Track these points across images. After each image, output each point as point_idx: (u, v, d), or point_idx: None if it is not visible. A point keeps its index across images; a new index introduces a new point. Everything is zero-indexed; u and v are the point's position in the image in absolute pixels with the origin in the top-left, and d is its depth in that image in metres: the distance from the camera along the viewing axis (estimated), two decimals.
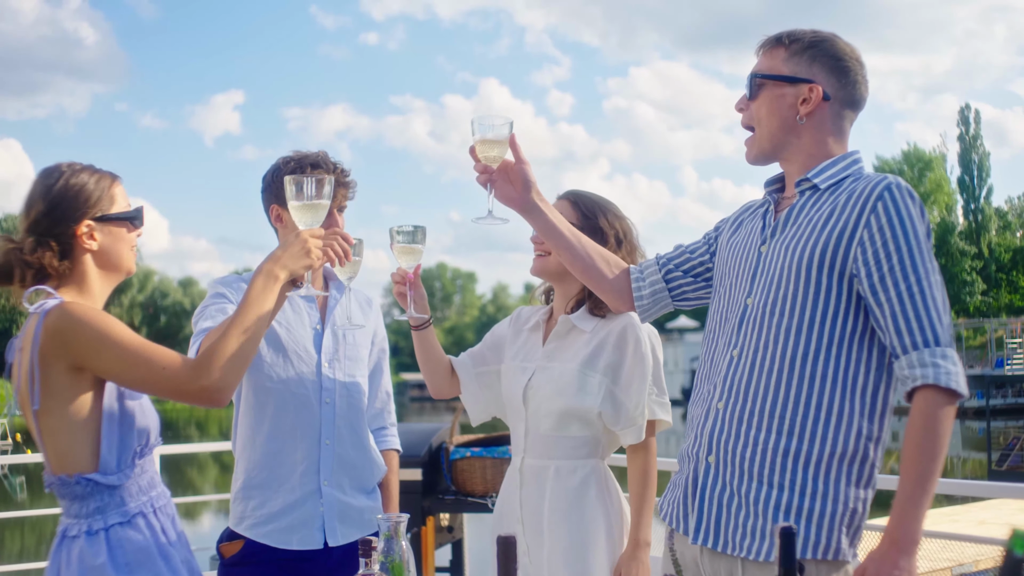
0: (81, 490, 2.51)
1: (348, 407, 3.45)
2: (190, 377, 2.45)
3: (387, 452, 3.69)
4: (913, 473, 2.27)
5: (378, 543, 2.39)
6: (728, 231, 2.80)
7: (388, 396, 3.75)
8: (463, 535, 5.78)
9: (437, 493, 5.32)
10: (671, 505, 2.68)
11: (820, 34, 2.60)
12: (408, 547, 2.52)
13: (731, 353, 2.56)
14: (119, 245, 2.65)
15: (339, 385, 3.43)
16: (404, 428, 5.69)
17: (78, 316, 2.44)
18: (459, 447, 5.23)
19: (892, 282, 2.35)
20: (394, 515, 2.50)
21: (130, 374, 2.46)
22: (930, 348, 2.31)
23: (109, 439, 2.52)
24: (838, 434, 2.42)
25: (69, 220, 2.58)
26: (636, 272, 2.92)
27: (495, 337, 3.47)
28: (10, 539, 21.71)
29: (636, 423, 3.13)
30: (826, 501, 2.41)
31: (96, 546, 2.49)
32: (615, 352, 3.13)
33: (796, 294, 2.45)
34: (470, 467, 5.15)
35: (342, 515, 3.39)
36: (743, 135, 2.70)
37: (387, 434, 3.72)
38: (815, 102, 2.54)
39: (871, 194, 2.40)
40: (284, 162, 3.40)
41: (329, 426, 3.39)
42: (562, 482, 3.12)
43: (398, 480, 3.73)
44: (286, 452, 3.35)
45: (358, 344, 3.55)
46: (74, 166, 2.64)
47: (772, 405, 2.45)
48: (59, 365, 2.45)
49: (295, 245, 2.61)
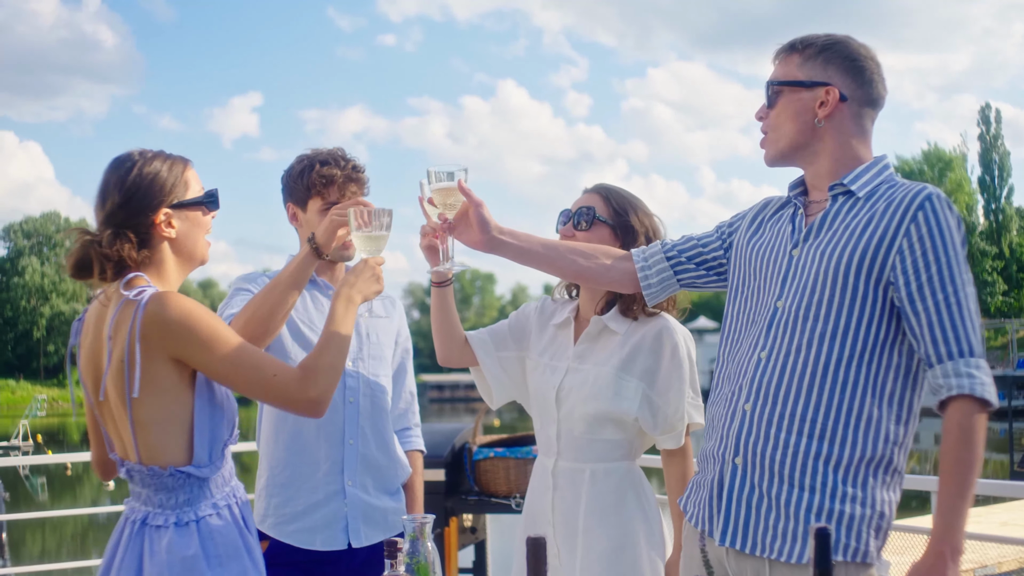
0: (173, 482, 2.51)
1: (372, 407, 3.45)
2: (300, 387, 2.51)
3: (411, 453, 3.68)
4: (953, 484, 2.31)
5: (403, 544, 2.38)
6: (747, 231, 2.78)
7: (412, 396, 3.74)
8: (486, 536, 5.77)
9: (460, 494, 5.30)
10: (697, 506, 2.67)
11: (833, 37, 2.61)
12: (434, 548, 2.50)
13: (759, 355, 2.55)
14: (196, 231, 2.64)
15: (363, 385, 3.43)
16: (427, 428, 5.67)
17: (188, 311, 2.44)
18: (482, 447, 5.21)
19: (930, 291, 2.37)
20: (419, 516, 2.48)
21: (237, 376, 2.49)
22: (964, 359, 2.34)
23: (201, 431, 2.52)
24: (867, 439, 2.44)
25: (147, 209, 2.55)
26: (640, 260, 2.90)
27: (519, 323, 3.39)
28: (31, 539, 21.83)
29: (675, 429, 3.10)
30: (855, 504, 2.43)
31: (187, 537, 2.48)
32: (651, 356, 3.09)
33: (832, 299, 2.46)
34: (493, 467, 5.13)
35: (366, 516, 3.39)
36: (760, 136, 2.71)
37: (411, 435, 3.71)
38: (832, 104, 2.55)
39: (911, 203, 2.42)
40: (299, 161, 3.43)
41: (353, 425, 3.39)
42: (598, 486, 3.08)
43: (422, 481, 3.72)
44: (309, 451, 3.35)
45: (382, 344, 3.54)
46: (146, 154, 2.61)
47: (804, 409, 2.46)
48: (160, 355, 2.44)
49: (365, 272, 2.72)
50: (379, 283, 2.75)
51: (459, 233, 2.86)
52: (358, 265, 2.75)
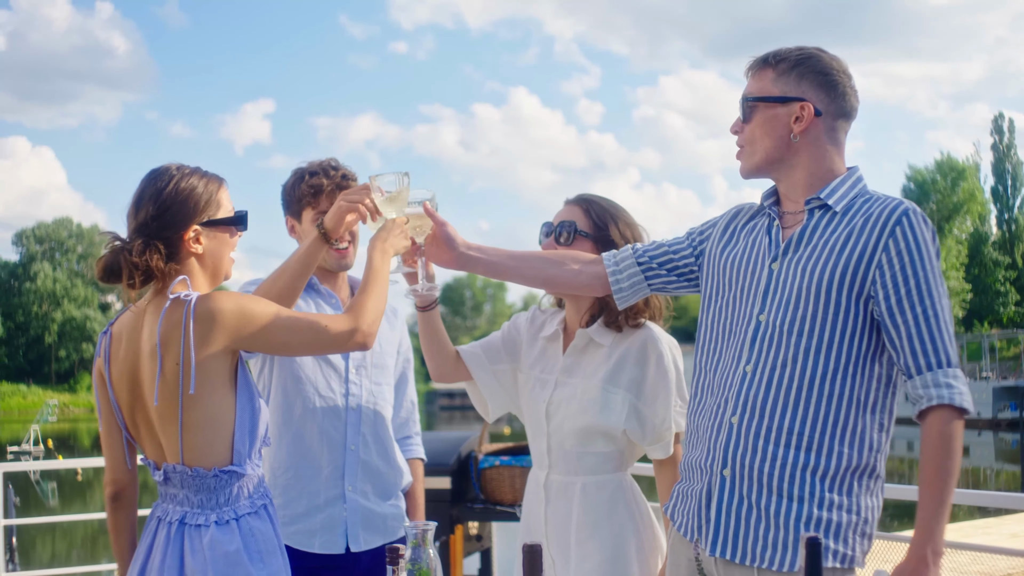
0: (214, 483, 2.59)
1: (374, 414, 3.51)
2: (352, 326, 2.69)
3: (412, 461, 3.74)
4: (935, 490, 2.39)
5: (405, 551, 2.41)
6: (720, 240, 2.82)
7: (413, 406, 3.81)
8: (492, 544, 5.80)
9: (466, 502, 5.34)
10: (685, 516, 2.71)
11: (805, 51, 2.65)
12: (436, 555, 2.52)
13: (744, 369, 2.59)
14: (222, 250, 2.74)
15: (365, 392, 3.49)
16: (433, 436, 5.72)
17: (234, 298, 2.61)
18: (488, 456, 5.24)
19: (909, 305, 2.45)
20: (421, 523, 2.50)
21: (297, 338, 2.66)
22: (943, 369, 2.43)
23: (241, 433, 2.61)
24: (853, 449, 2.51)
25: (179, 224, 2.64)
26: (611, 264, 2.93)
27: (511, 335, 3.40)
28: (42, 545, 21.87)
29: (664, 438, 3.11)
30: (842, 512, 2.50)
31: (229, 534, 2.58)
32: (637, 367, 3.11)
33: (816, 314, 2.51)
34: (499, 476, 5.16)
35: (365, 521, 3.44)
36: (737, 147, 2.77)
37: (412, 443, 3.77)
38: (808, 119, 2.60)
39: (890, 219, 2.49)
40: (292, 174, 3.55)
41: (355, 432, 3.45)
42: (590, 498, 3.10)
43: (423, 488, 3.77)
44: (312, 455, 3.41)
45: (384, 353, 3.60)
46: (184, 169, 2.70)
47: (791, 422, 2.51)
48: (215, 349, 2.56)
49: (394, 230, 2.88)
50: (406, 239, 2.90)
51: (430, 253, 2.96)
52: (386, 223, 2.89)
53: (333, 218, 2.97)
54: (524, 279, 3.00)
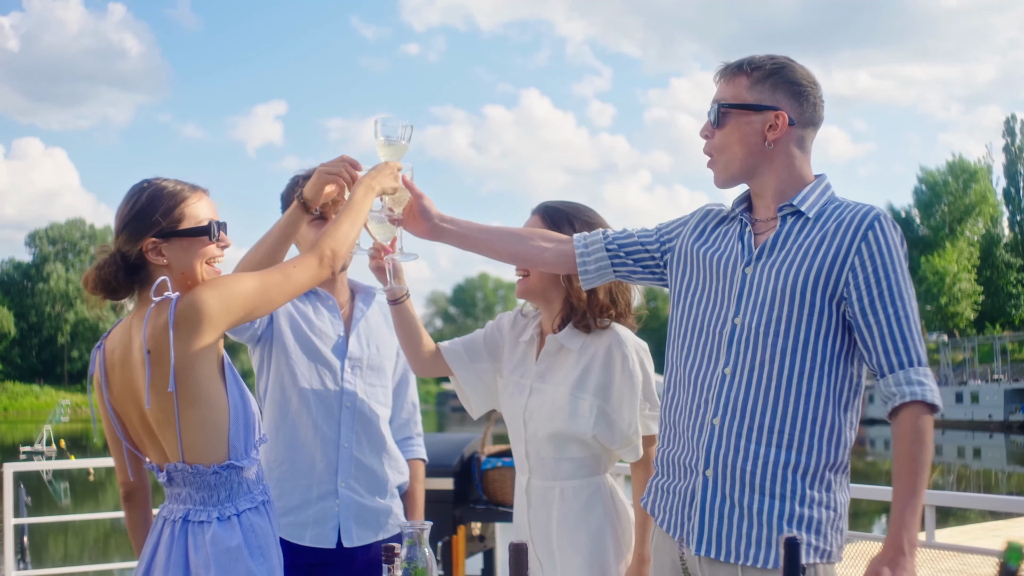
0: (215, 479, 2.65)
1: (368, 413, 3.57)
2: (317, 253, 2.74)
3: (413, 461, 3.79)
4: (909, 483, 2.46)
5: (401, 550, 2.44)
6: (691, 237, 2.87)
7: (414, 407, 3.87)
8: (495, 544, 5.83)
9: (469, 502, 5.37)
10: (668, 512, 2.77)
11: (778, 60, 2.72)
12: (431, 554, 2.57)
13: (723, 371, 2.65)
14: (190, 260, 2.71)
15: (360, 392, 3.56)
16: (437, 438, 5.76)
17: (211, 287, 2.62)
18: (490, 457, 5.28)
19: (881, 306, 2.54)
20: (417, 522, 2.55)
21: (276, 292, 2.69)
22: (914, 367, 2.52)
23: (236, 429, 2.67)
24: (831, 446, 2.59)
25: (135, 238, 2.68)
26: (581, 246, 2.98)
27: (492, 336, 3.46)
28: (53, 544, 21.94)
29: (632, 442, 3.15)
30: (821, 508, 2.58)
31: (230, 530, 2.63)
32: (603, 372, 3.15)
33: (791, 316, 2.59)
34: (501, 477, 5.21)
35: (358, 516, 3.51)
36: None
37: (413, 444, 3.82)
38: (782, 128, 2.66)
39: (861, 224, 2.57)
40: (291, 179, 3.61)
41: (348, 430, 3.52)
42: (568, 503, 3.15)
43: (423, 488, 3.82)
44: (306, 451, 3.49)
45: (382, 356, 3.67)
46: (155, 183, 2.74)
47: (771, 421, 2.58)
48: (203, 342, 2.58)
49: (385, 169, 2.94)
50: (396, 181, 2.95)
51: (407, 224, 3.05)
52: (379, 164, 2.96)
53: (313, 187, 3.03)
54: (493, 252, 3.05)
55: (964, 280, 67.37)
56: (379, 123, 2.99)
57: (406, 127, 2.99)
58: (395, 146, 3.00)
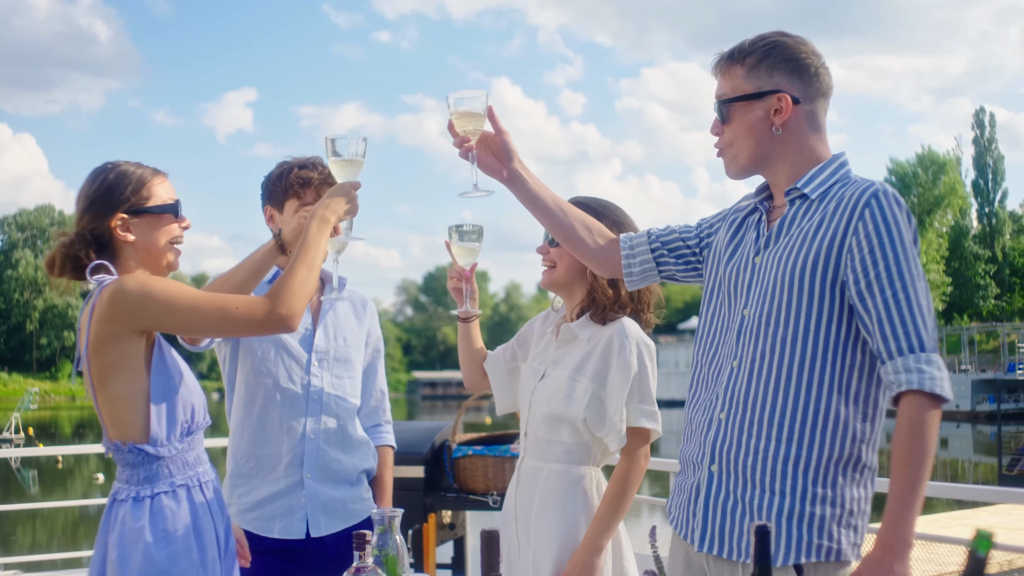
0: (133, 458, 2.67)
1: (335, 405, 3.58)
2: (266, 308, 2.63)
3: (381, 448, 3.79)
4: (903, 478, 2.29)
5: (372, 537, 2.44)
6: (726, 233, 2.80)
7: (383, 394, 3.86)
8: (465, 532, 5.83)
9: (439, 490, 5.36)
10: (677, 510, 2.71)
11: (768, 39, 2.60)
12: (402, 541, 2.56)
13: (731, 364, 2.59)
14: (155, 237, 2.76)
15: (327, 384, 3.57)
16: (408, 426, 5.75)
17: (141, 282, 2.61)
18: (461, 445, 5.27)
19: (879, 288, 2.37)
20: (388, 510, 2.55)
21: (203, 319, 2.63)
22: (915, 354, 2.33)
23: (158, 413, 2.67)
24: (835, 439, 2.45)
25: (104, 214, 2.72)
26: (626, 247, 2.94)
27: (524, 335, 3.55)
28: (22, 532, 21.82)
29: (616, 428, 3.15)
30: (824, 504, 2.44)
31: (139, 511, 2.65)
32: (602, 358, 3.16)
33: (790, 304, 2.48)
34: (472, 465, 5.19)
35: (325, 507, 3.52)
36: None
37: (382, 431, 3.82)
38: (787, 110, 2.55)
39: (858, 201, 2.43)
40: (279, 165, 3.59)
41: (315, 422, 3.54)
42: (551, 485, 3.16)
43: (392, 475, 3.81)
44: (272, 444, 3.51)
45: (349, 347, 3.68)
46: (118, 164, 2.79)
47: (771, 413, 2.48)
48: (125, 330, 2.61)
49: (339, 193, 2.83)
50: (352, 204, 2.84)
51: (481, 160, 2.85)
52: (335, 187, 2.85)
53: (292, 232, 3.04)
54: (551, 223, 2.93)
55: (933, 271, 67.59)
56: (331, 141, 2.86)
57: (359, 141, 2.86)
58: (352, 163, 2.88)
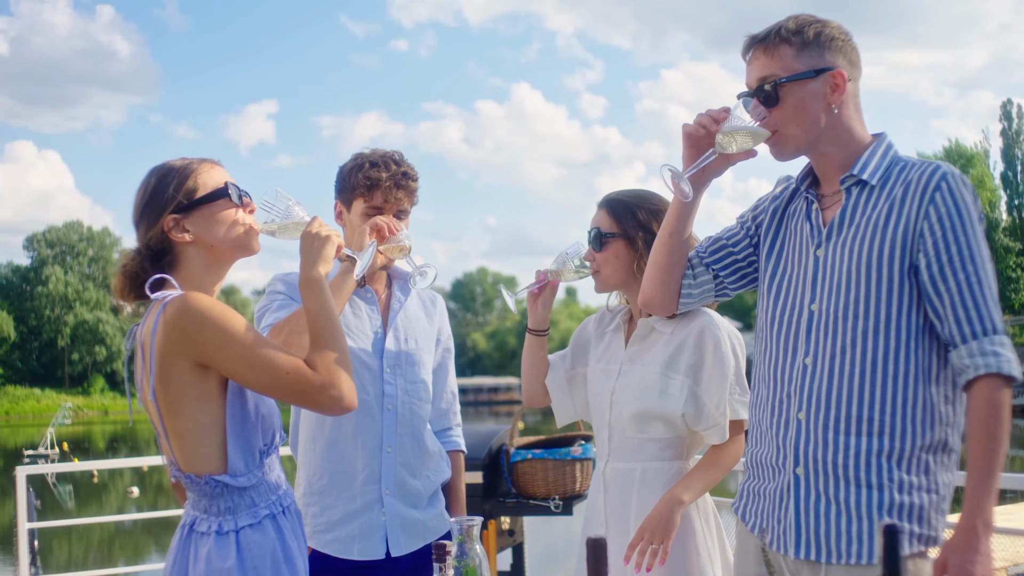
0: (211, 490, 2.49)
1: (410, 414, 3.39)
2: (321, 385, 2.43)
3: (453, 453, 3.62)
4: (983, 460, 2.31)
5: (452, 547, 2.36)
6: (770, 223, 2.75)
7: (453, 396, 3.67)
8: (523, 539, 5.73)
9: (498, 496, 5.25)
10: (757, 516, 2.65)
11: (809, 19, 2.57)
12: (482, 550, 2.47)
13: (803, 362, 2.53)
14: (216, 228, 2.56)
15: (401, 391, 3.37)
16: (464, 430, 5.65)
17: (202, 311, 2.38)
18: (519, 449, 5.15)
19: (951, 272, 2.37)
20: (466, 519, 2.45)
21: (256, 378, 2.42)
22: (988, 337, 2.36)
23: (235, 440, 2.48)
24: (924, 425, 2.43)
25: (153, 222, 2.54)
26: (688, 276, 2.89)
27: (581, 339, 3.45)
28: (58, 548, 21.92)
29: (718, 423, 3.07)
30: (922, 493, 2.43)
31: (226, 548, 2.47)
32: (695, 353, 3.08)
33: (869, 295, 2.44)
34: (531, 469, 5.07)
35: (405, 525, 3.34)
36: None
37: (452, 435, 3.65)
38: (843, 87, 2.51)
39: (928, 184, 2.42)
40: (353, 158, 3.38)
41: (391, 434, 3.34)
42: (648, 485, 3.07)
43: (464, 481, 3.67)
44: (347, 459, 3.30)
45: (420, 348, 3.47)
46: (164, 163, 2.62)
47: (859, 409, 2.44)
48: (183, 362, 2.39)
49: (307, 240, 2.61)
50: (326, 239, 2.62)
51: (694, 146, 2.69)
52: (301, 242, 2.63)
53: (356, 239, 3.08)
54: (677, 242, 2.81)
55: None
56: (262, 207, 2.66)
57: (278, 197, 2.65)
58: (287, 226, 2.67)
